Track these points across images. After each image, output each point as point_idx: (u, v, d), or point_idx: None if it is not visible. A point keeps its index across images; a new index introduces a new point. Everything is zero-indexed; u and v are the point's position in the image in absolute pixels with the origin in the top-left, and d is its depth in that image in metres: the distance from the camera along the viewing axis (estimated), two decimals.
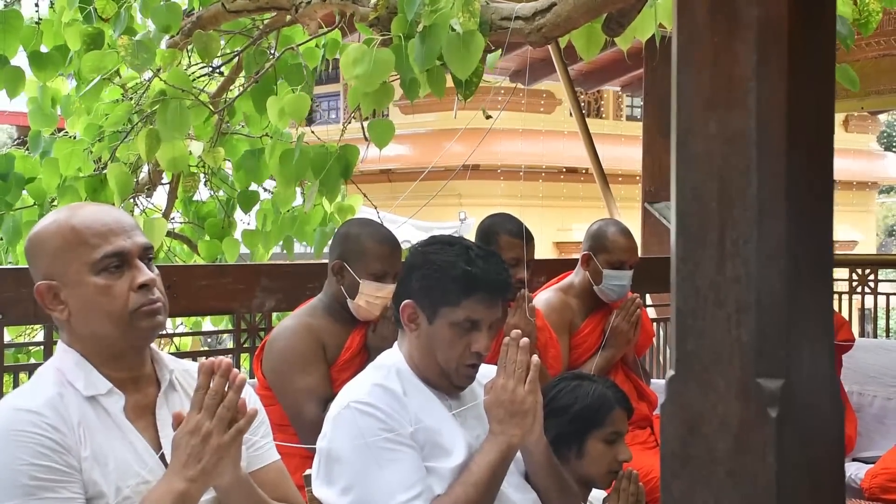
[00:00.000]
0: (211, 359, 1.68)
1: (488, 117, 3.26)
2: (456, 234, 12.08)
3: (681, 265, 1.35)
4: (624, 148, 13.29)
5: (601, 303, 3.72)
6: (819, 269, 1.33)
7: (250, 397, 1.86)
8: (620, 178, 12.30)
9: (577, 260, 3.79)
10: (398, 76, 3.02)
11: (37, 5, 3.70)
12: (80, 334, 1.74)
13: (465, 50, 2.80)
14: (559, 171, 15.51)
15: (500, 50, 3.17)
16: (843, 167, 16.91)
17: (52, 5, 3.79)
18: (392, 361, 2.25)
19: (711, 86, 1.30)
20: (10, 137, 16.15)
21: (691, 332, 1.35)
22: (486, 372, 2.26)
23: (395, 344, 2.31)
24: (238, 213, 4.43)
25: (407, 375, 2.22)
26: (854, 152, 16.65)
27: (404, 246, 9.93)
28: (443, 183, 6.17)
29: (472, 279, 2.17)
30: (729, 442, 1.32)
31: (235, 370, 1.69)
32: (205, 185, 4.46)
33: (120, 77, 3.66)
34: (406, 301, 2.23)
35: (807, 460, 1.30)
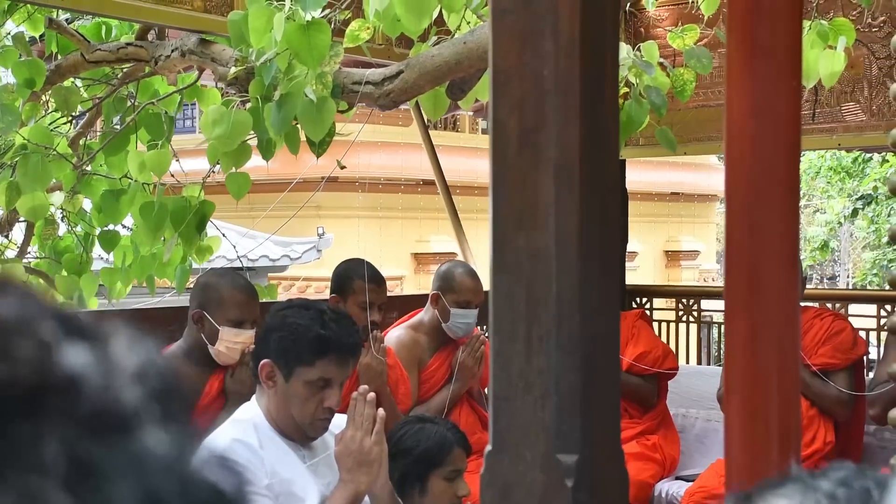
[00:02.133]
0: None
1: (343, 167, 3.47)
2: (314, 249, 12.00)
3: (496, 357, 1.60)
4: (480, 160, 13.65)
5: (449, 339, 3.98)
6: (608, 361, 1.59)
7: None
8: (477, 191, 12.65)
9: (418, 297, 4.05)
10: (255, 135, 3.20)
11: None
12: None
13: (318, 115, 3.01)
14: (417, 183, 15.78)
15: (355, 107, 3.39)
16: (685, 180, 17.77)
17: None
18: (250, 416, 2.44)
19: (520, 208, 1.55)
20: None
21: (505, 413, 1.60)
22: (338, 422, 2.48)
23: (254, 398, 2.50)
24: (96, 249, 4.50)
25: (264, 429, 2.41)
26: (696, 166, 17.52)
27: (261, 263, 9.95)
28: (301, 195, 6.29)
29: (326, 342, 2.38)
30: None
31: None
32: (62, 220, 4.51)
33: None
34: (264, 360, 2.42)
35: None
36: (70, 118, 4.06)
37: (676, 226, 17.95)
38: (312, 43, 2.83)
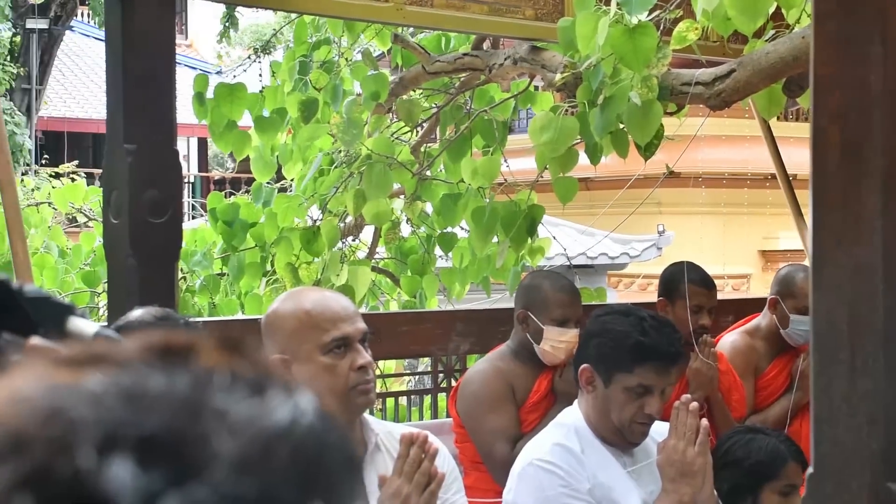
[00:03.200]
0: (411, 432, 1.98)
1: (671, 172, 3.45)
2: (654, 247, 11.89)
3: (817, 378, 1.54)
4: None
5: (788, 346, 3.81)
6: None
7: (444, 459, 2.15)
8: None
9: (762, 300, 3.91)
10: (582, 141, 3.26)
11: (260, 76, 4.20)
12: None
13: (643, 118, 3.01)
14: (764, 177, 15.12)
15: (685, 108, 3.35)
16: None
17: (273, 74, 4.27)
18: (571, 420, 2.50)
19: (842, 223, 1.49)
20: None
21: (826, 438, 1.54)
22: (660, 429, 2.47)
23: (575, 402, 2.56)
24: (436, 250, 4.78)
25: (585, 434, 2.46)
26: None
27: (600, 260, 10.00)
28: (641, 192, 6.23)
29: (645, 349, 2.39)
30: None
31: (430, 442, 1.98)
32: (406, 222, 4.83)
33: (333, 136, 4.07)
34: (584, 365, 2.47)
35: None
36: (412, 127, 4.35)
37: None
38: (637, 46, 2.83)
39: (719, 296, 3.75)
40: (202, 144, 19.97)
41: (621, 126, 3.15)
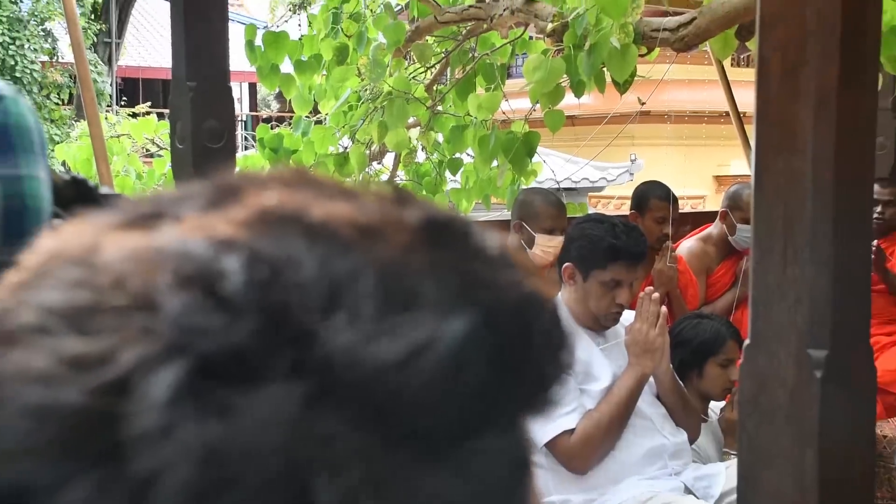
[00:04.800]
0: None
1: (643, 103, 3.41)
2: (627, 173, 11.73)
3: (756, 267, 1.55)
4: None
5: (734, 250, 3.83)
6: (858, 274, 1.49)
7: None
8: None
9: (711, 213, 3.92)
10: (568, 79, 3.22)
11: (300, 25, 4.15)
12: None
13: (622, 60, 2.97)
14: (720, 115, 14.90)
15: (655, 51, 3.30)
16: None
17: (310, 24, 4.21)
18: None
19: (780, 135, 1.47)
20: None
21: (761, 316, 1.55)
22: (628, 316, 2.50)
23: (558, 294, 2.58)
24: (447, 173, 4.76)
25: (566, 320, 2.48)
26: None
27: (582, 184, 9.91)
28: (616, 127, 6.14)
29: (617, 249, 2.40)
30: (786, 396, 1.52)
31: None
32: (421, 150, 4.80)
33: (360, 76, 4.03)
34: (566, 263, 2.49)
35: (844, 409, 1.49)
36: (426, 68, 4.29)
37: None
38: None
39: (680, 211, 3.76)
40: (252, 88, 19.81)
41: (601, 67, 3.11)
